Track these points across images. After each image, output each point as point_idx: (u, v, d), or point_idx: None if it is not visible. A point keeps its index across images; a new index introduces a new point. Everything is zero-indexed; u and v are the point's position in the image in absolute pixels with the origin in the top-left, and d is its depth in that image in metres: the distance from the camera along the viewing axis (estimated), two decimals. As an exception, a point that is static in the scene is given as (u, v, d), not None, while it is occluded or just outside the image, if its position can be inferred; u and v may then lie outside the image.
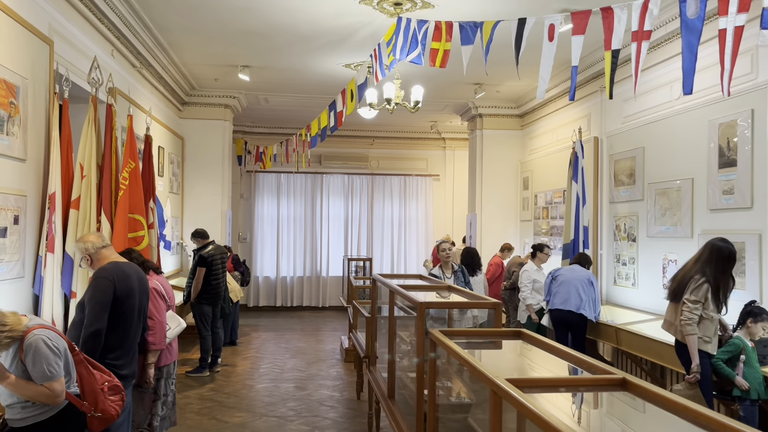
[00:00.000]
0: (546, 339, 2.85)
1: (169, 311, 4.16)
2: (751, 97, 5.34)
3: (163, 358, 4.16)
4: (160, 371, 4.18)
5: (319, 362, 8.42)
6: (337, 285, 13.93)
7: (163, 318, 4.04)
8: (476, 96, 9.93)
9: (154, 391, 4.14)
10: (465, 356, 2.20)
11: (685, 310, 4.49)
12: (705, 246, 4.74)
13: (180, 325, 4.15)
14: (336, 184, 13.97)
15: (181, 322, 4.18)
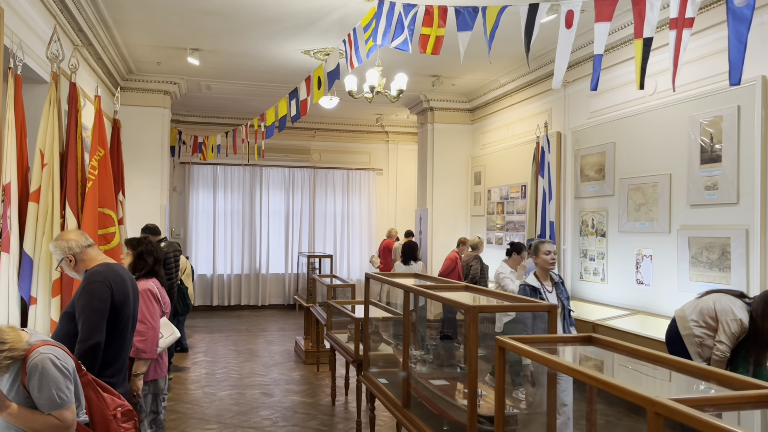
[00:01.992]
0: (622, 342, 2.64)
1: (163, 318, 3.66)
2: (737, 94, 5.41)
3: (152, 371, 3.66)
4: (150, 386, 3.68)
5: (278, 365, 7.97)
6: (278, 282, 13.41)
7: (156, 323, 3.55)
8: (433, 88, 9.73)
9: (141, 408, 3.65)
10: (594, 375, 1.94)
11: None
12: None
13: (173, 335, 3.67)
14: (276, 178, 13.42)
15: (175, 331, 3.69)
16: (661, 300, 6.26)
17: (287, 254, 13.42)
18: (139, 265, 3.71)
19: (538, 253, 4.75)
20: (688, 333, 4.41)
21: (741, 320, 4.20)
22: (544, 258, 4.71)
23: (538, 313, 3.79)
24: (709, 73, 5.73)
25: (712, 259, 5.62)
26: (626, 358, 2.63)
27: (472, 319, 2.89)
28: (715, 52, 5.60)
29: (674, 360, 2.38)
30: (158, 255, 3.85)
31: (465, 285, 3.87)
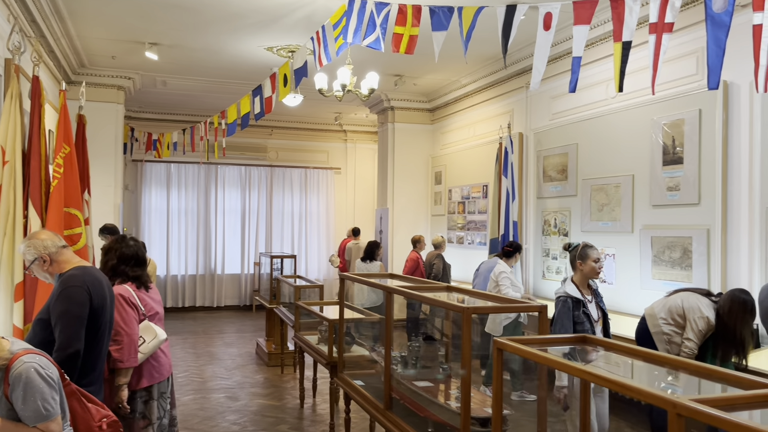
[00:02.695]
0: (613, 341, 2.68)
1: (144, 322, 3.51)
2: (699, 98, 5.58)
3: (148, 376, 3.50)
4: (148, 392, 3.52)
5: (240, 368, 7.81)
6: (234, 283, 13.16)
7: (132, 330, 3.39)
8: (396, 87, 9.71)
9: (143, 415, 3.48)
10: (611, 377, 1.95)
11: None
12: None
13: (157, 338, 3.50)
14: (232, 176, 13.16)
15: (159, 333, 3.53)
16: (624, 298, 6.41)
17: (243, 254, 13.19)
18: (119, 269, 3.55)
19: (585, 259, 4.12)
20: (657, 330, 4.53)
21: (708, 318, 4.34)
22: (593, 266, 4.12)
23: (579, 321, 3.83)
24: (672, 77, 5.89)
25: (674, 258, 5.79)
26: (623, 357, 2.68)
27: (466, 321, 2.88)
28: (678, 57, 5.77)
29: (669, 358, 2.43)
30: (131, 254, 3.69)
31: (447, 285, 3.86)
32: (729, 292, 4.40)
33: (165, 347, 3.75)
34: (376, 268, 8.58)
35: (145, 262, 3.69)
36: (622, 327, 5.97)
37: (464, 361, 2.92)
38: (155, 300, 3.71)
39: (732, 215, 5.30)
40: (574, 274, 4.20)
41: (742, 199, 5.21)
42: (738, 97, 5.26)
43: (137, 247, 3.66)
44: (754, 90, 5.06)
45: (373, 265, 8.59)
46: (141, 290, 3.60)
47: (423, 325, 7.14)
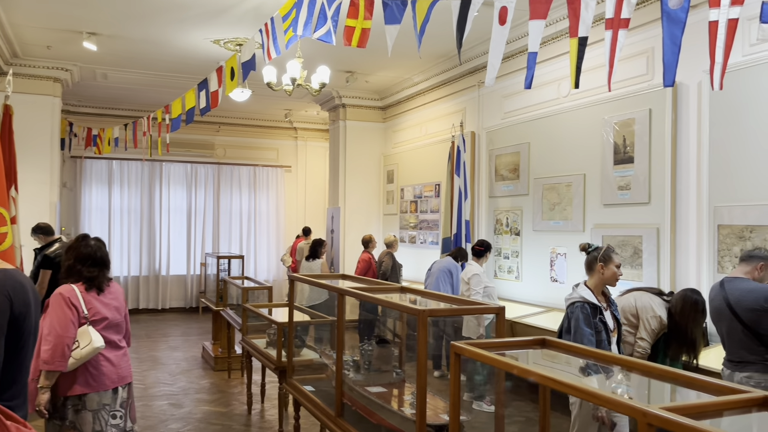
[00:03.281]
0: (574, 344, 2.59)
1: (83, 326, 3.25)
2: (649, 97, 5.62)
3: (83, 384, 3.24)
4: (81, 401, 3.26)
5: (185, 373, 7.50)
6: (180, 284, 12.74)
7: (65, 332, 3.14)
8: (347, 84, 9.54)
9: (73, 425, 3.22)
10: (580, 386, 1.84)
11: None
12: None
13: (91, 344, 3.24)
14: (178, 173, 12.74)
15: (95, 340, 3.26)
16: (575, 297, 6.42)
17: (189, 255, 12.78)
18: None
19: (608, 262, 3.72)
20: (612, 330, 4.51)
21: (660, 317, 4.34)
22: (614, 272, 3.73)
23: (598, 329, 3.57)
24: (622, 77, 5.92)
25: (624, 257, 5.81)
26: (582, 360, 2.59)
27: (422, 324, 2.75)
28: (629, 56, 5.79)
29: (631, 361, 2.35)
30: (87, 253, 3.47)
31: (400, 286, 3.73)
32: (681, 292, 4.41)
33: (116, 357, 3.47)
34: (317, 266, 8.42)
35: (105, 263, 3.48)
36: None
37: (420, 366, 2.79)
38: (108, 305, 3.44)
39: (681, 214, 5.34)
40: (590, 278, 3.79)
41: (690, 198, 5.26)
42: (687, 97, 5.31)
43: (97, 247, 3.48)
44: (702, 90, 5.12)
45: (314, 264, 8.43)
46: (91, 292, 3.36)
47: (376, 327, 7.00)
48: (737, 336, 3.79)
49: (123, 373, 3.51)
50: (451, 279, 7.18)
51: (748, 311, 3.72)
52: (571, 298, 3.75)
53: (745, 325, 3.73)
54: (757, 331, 3.70)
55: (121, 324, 3.57)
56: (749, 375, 3.73)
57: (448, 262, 7.28)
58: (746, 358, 3.75)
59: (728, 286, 3.89)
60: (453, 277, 7.18)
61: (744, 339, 3.75)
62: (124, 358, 3.54)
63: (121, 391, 3.48)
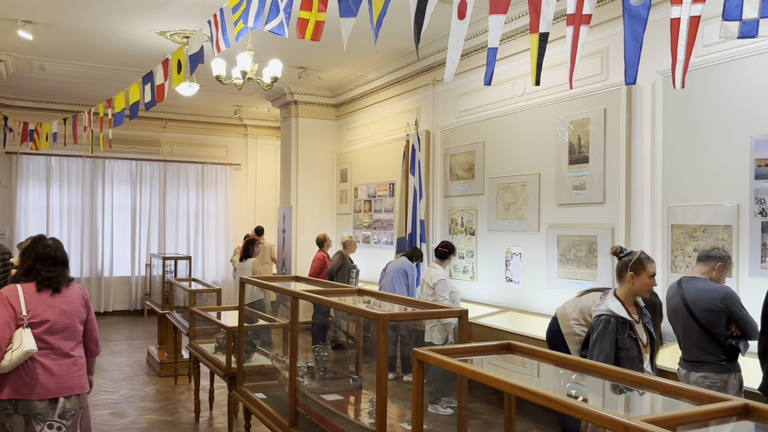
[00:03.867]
0: (540, 349, 2.50)
1: (20, 328, 3.02)
2: (604, 97, 5.62)
3: (12, 389, 3.03)
4: (13, 405, 3.05)
5: (129, 380, 7.16)
6: (124, 286, 12.26)
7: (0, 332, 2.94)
8: (299, 80, 9.32)
9: (2, 427, 3.00)
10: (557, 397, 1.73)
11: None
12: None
13: (21, 348, 3.00)
14: (122, 171, 12.24)
15: (25, 344, 3.01)
16: (531, 297, 6.40)
17: (134, 255, 12.31)
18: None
19: (639, 271, 3.33)
20: (570, 332, 4.47)
21: None
22: (647, 282, 3.35)
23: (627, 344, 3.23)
24: (577, 77, 5.87)
25: (579, 257, 5.82)
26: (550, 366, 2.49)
27: (382, 329, 2.61)
28: (583, 56, 5.77)
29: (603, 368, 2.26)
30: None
31: (358, 289, 3.58)
32: None
33: (58, 366, 3.26)
34: (249, 266, 8.10)
35: (66, 262, 3.39)
36: (529, 326, 5.95)
37: (379, 374, 2.64)
38: (56, 308, 3.24)
39: (635, 214, 5.36)
40: (620, 287, 3.43)
41: (644, 198, 5.29)
42: (641, 97, 5.33)
43: (56, 246, 3.40)
44: (656, 90, 5.14)
45: (246, 264, 8.11)
46: (44, 293, 3.22)
47: (330, 330, 6.82)
48: (693, 336, 3.78)
49: (67, 383, 3.29)
50: (406, 279, 7.07)
51: (704, 311, 3.72)
52: (598, 310, 3.39)
53: (702, 325, 3.73)
54: (713, 332, 3.70)
55: (71, 329, 3.34)
56: (705, 375, 3.73)
57: (403, 262, 7.17)
58: (702, 358, 3.75)
59: (686, 285, 3.88)
60: (408, 277, 7.08)
61: (700, 339, 3.75)
62: (73, 368, 3.33)
63: (64, 402, 3.26)
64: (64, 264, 3.39)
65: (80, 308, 3.38)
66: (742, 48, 4.45)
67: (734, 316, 3.69)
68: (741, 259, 4.43)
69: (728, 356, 3.70)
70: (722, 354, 3.70)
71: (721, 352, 3.69)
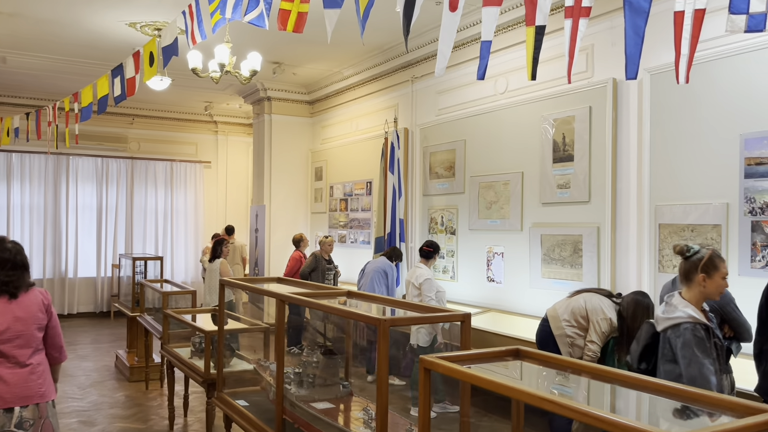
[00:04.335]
0: (551, 355, 2.38)
1: None
2: (589, 95, 5.56)
3: None
4: None
5: (97, 385, 6.86)
6: (89, 288, 11.84)
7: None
8: (274, 76, 9.10)
9: None
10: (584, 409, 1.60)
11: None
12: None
13: None
14: (87, 168, 11.82)
15: None
16: (513, 297, 6.32)
17: (100, 256, 11.90)
18: None
19: (711, 272, 2.98)
20: (561, 333, 4.38)
21: (611, 319, 4.24)
22: (719, 284, 3.01)
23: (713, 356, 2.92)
24: (562, 73, 5.83)
25: (564, 256, 5.75)
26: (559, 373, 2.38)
27: (383, 335, 2.45)
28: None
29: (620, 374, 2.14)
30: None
31: (347, 291, 3.42)
32: (631, 295, 4.32)
33: (13, 375, 3.06)
34: (217, 267, 7.80)
35: (24, 266, 3.18)
36: (513, 327, 5.86)
37: (380, 382, 2.49)
38: (9, 315, 3.03)
39: (621, 213, 5.31)
40: (687, 290, 3.05)
41: (631, 196, 5.23)
42: (627, 94, 5.28)
43: (16, 250, 3.19)
44: (643, 88, 5.09)
45: (215, 265, 7.80)
46: (1, 298, 3.04)
47: (308, 332, 6.63)
48: None
49: (23, 392, 3.08)
50: (386, 280, 6.94)
51: None
52: (673, 318, 2.98)
53: None
54: None
55: (26, 336, 3.11)
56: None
57: (382, 262, 7.03)
58: None
59: (677, 285, 3.80)
60: (388, 277, 6.95)
61: None
62: (30, 377, 3.11)
63: (20, 411, 3.05)
64: (24, 268, 3.19)
65: (38, 314, 3.16)
66: (733, 45, 4.42)
67: (728, 316, 3.62)
68: (731, 258, 4.39)
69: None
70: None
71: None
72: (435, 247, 6.16)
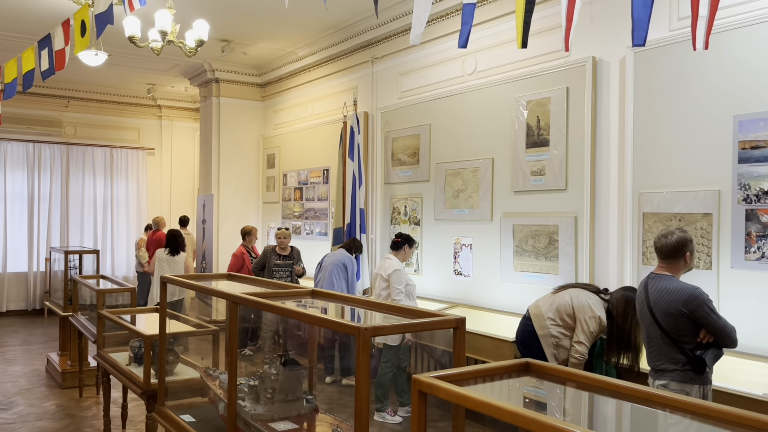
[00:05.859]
0: (564, 368, 1.96)
1: None
2: (566, 75, 5.19)
3: None
4: None
5: (24, 393, 6.16)
6: (20, 283, 10.95)
7: None
8: (223, 55, 8.45)
9: None
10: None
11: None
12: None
13: None
14: (16, 154, 10.88)
15: None
16: (482, 291, 5.93)
17: (32, 249, 11.00)
18: None
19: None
20: (545, 333, 3.99)
21: (600, 318, 3.87)
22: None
23: None
24: (537, 52, 5.45)
25: (538, 248, 5.38)
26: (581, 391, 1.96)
27: (364, 346, 1.98)
28: (544, 30, 5.32)
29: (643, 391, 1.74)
30: None
31: (311, 290, 2.93)
32: (621, 291, 3.95)
33: None
34: (180, 261, 7.49)
35: None
36: (483, 324, 5.46)
37: (359, 402, 2.02)
38: None
39: (600, 201, 4.97)
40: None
41: (611, 184, 4.89)
42: (608, 74, 4.92)
43: None
44: (626, 67, 4.74)
45: (179, 258, 7.49)
46: None
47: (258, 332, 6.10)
48: (656, 341, 3.28)
49: None
50: (345, 274, 6.46)
51: (665, 315, 3.21)
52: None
53: (663, 330, 3.22)
54: (676, 339, 3.20)
55: None
56: (665, 383, 3.23)
57: (341, 254, 6.55)
58: (663, 366, 3.25)
59: (651, 284, 3.39)
60: (348, 271, 6.47)
61: (662, 345, 3.24)
62: None
63: None
64: None
65: None
66: (726, 20, 4.09)
67: (702, 321, 3.15)
68: (722, 249, 4.09)
69: (693, 366, 3.18)
70: (687, 364, 3.19)
71: (685, 362, 3.18)
72: (404, 238, 5.69)
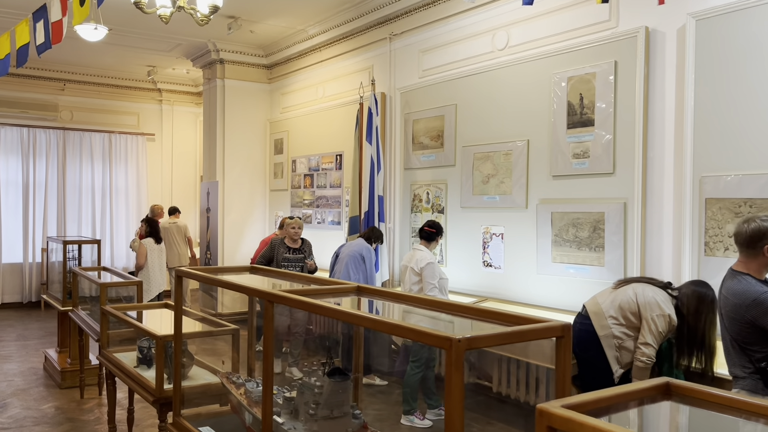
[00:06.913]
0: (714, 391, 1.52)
1: None
2: (613, 48, 4.73)
3: None
4: None
5: (20, 394, 5.72)
6: (15, 275, 10.48)
7: None
8: (229, 33, 7.95)
9: None
10: None
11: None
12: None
13: None
14: (11, 140, 10.38)
15: None
16: (516, 284, 5.50)
17: (27, 238, 10.52)
18: None
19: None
20: (607, 333, 3.55)
21: (669, 316, 3.44)
22: None
23: None
24: (578, 24, 5.00)
25: (581, 238, 4.94)
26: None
27: (457, 362, 1.54)
28: (585, 0, 4.86)
29: None
30: None
31: (357, 286, 2.49)
32: (691, 287, 3.52)
33: None
34: (162, 251, 7.57)
35: None
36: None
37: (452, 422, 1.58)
38: None
39: (653, 186, 4.52)
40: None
41: (665, 166, 4.45)
42: (663, 46, 4.46)
43: None
44: (687, 37, 4.27)
45: (162, 246, 7.58)
46: None
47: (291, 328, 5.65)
48: (726, 345, 2.93)
49: None
50: (363, 266, 6.02)
51: (729, 320, 2.86)
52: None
53: (731, 334, 2.87)
54: (743, 346, 2.82)
55: None
56: (737, 391, 2.85)
57: (359, 245, 6.10)
58: (735, 372, 2.89)
59: (725, 281, 2.96)
60: (366, 263, 6.03)
61: (731, 350, 2.89)
62: None
63: None
64: None
65: None
66: (810, -19, 3.64)
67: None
68: (803, 239, 3.65)
69: (763, 376, 2.81)
70: (756, 372, 2.82)
71: (753, 370, 2.82)
72: (438, 227, 5.22)
